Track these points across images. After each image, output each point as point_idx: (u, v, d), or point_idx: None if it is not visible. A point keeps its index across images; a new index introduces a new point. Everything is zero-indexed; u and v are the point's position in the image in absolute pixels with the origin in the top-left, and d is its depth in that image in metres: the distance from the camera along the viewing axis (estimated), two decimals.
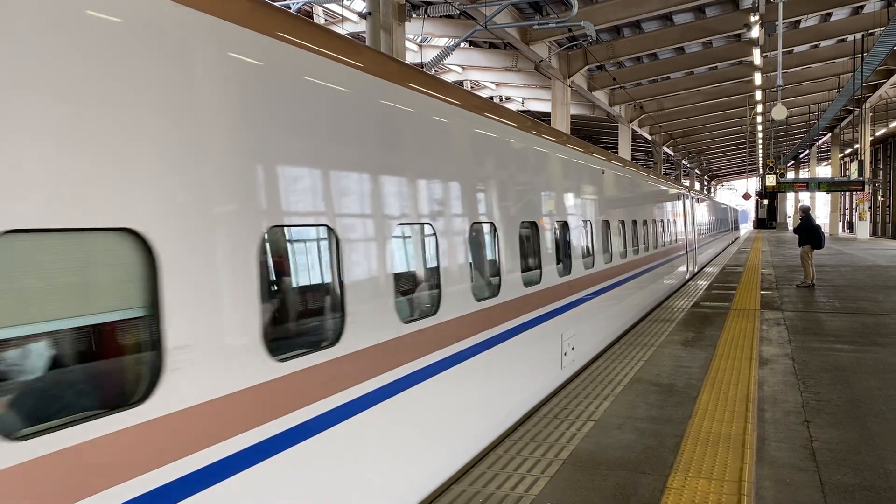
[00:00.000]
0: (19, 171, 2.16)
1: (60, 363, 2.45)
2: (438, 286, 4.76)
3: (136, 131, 2.54)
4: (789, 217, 69.36)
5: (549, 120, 25.89)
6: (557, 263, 7.47)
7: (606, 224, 9.92)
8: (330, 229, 3.64)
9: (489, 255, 5.77)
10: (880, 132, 49.99)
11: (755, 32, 22.23)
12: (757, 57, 25.58)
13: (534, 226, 6.84)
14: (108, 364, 2.63)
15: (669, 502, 4.29)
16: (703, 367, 7.92)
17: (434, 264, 4.77)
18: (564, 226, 7.92)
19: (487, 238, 5.70)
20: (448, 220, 4.92)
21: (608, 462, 4.98)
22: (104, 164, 2.41)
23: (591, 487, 4.54)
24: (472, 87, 29.91)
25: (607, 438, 5.50)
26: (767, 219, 68.43)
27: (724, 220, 42.07)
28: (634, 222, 12.05)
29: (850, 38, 27.69)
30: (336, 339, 3.63)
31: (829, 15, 25.87)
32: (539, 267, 6.88)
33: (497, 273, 5.78)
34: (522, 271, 6.33)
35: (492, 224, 5.72)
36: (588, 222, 8.95)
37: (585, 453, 5.16)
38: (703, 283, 17.50)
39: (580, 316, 8.31)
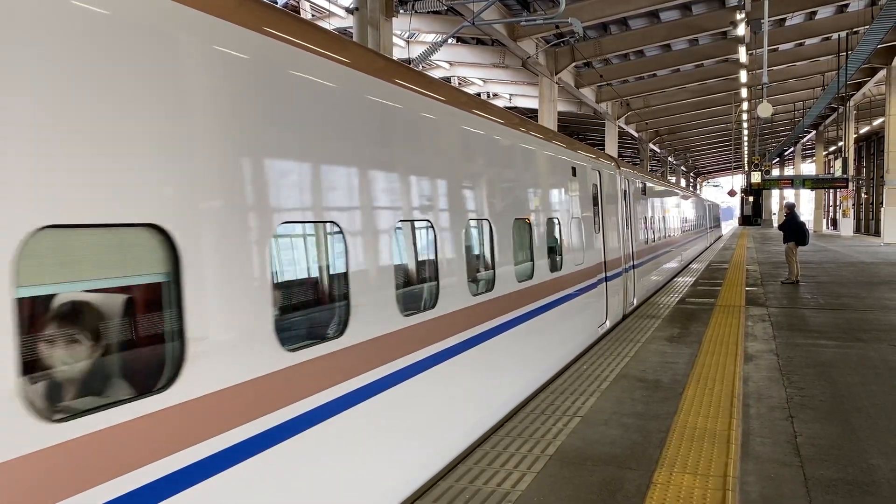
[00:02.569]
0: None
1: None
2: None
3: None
4: (774, 214, 69.87)
5: (537, 117, 25.92)
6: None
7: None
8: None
9: None
10: (864, 130, 50.53)
11: (741, 30, 22.38)
12: (743, 55, 25.76)
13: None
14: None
15: (655, 497, 4.31)
16: (689, 363, 7.96)
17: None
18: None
19: None
20: None
21: (594, 458, 5.00)
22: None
23: (578, 483, 4.55)
24: (459, 84, 29.91)
25: (593, 434, 5.51)
26: (752, 216, 68.91)
27: (701, 218, 33.07)
28: (432, 231, 5.04)
29: (835, 36, 27.93)
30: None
31: (814, 13, 26.08)
32: None
33: None
34: None
35: None
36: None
37: (572, 449, 5.18)
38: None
39: None
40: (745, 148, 54.79)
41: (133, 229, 2.62)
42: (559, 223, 8.26)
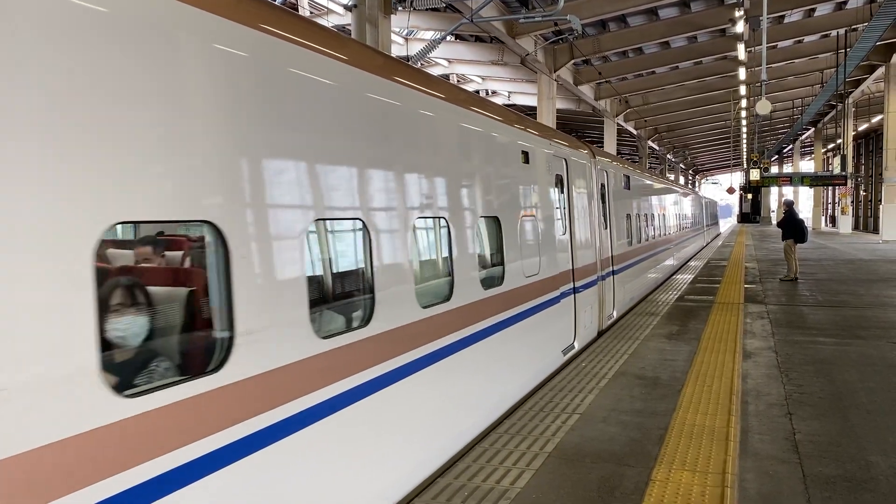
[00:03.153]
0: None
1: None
2: None
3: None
4: (773, 211, 69.86)
5: (536, 114, 25.90)
6: None
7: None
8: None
9: None
10: (863, 127, 50.47)
11: (740, 27, 22.37)
12: (741, 52, 25.75)
13: None
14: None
15: (654, 494, 4.31)
16: (688, 360, 7.96)
17: None
18: None
19: None
20: None
21: (593, 455, 5.00)
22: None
23: (576, 480, 4.55)
24: (458, 81, 29.88)
25: (592, 431, 5.51)
26: (751, 213, 68.93)
27: (697, 216, 30.54)
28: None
29: (834, 33, 27.91)
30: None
31: (813, 10, 26.06)
32: None
33: None
34: None
35: None
36: None
37: (570, 446, 5.18)
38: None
39: None
40: (744, 145, 54.77)
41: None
42: (500, 224, 6.30)
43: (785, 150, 65.14)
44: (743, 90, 32.85)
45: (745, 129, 48.12)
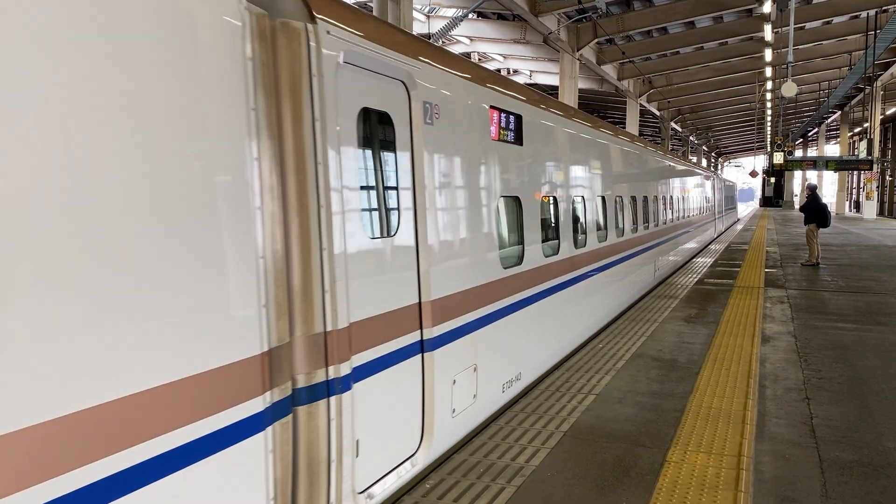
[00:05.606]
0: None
1: None
2: None
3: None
4: (796, 195, 69.02)
5: (558, 94, 25.69)
6: None
7: None
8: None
9: None
10: (891, 111, 49.54)
11: (767, 7, 21.96)
12: (768, 32, 25.29)
13: None
14: None
15: (669, 475, 4.33)
16: (706, 343, 7.94)
17: None
18: None
19: None
20: None
21: (608, 435, 5.03)
22: None
23: (591, 459, 4.58)
24: (479, 60, 29.67)
25: (608, 412, 5.54)
26: (774, 197, 68.13)
27: (702, 207, 22.92)
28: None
29: (864, 14, 27.32)
30: None
31: None
32: None
33: None
34: None
35: None
36: None
37: (586, 426, 5.21)
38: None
39: None
40: (769, 128, 54.02)
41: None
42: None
43: (810, 134, 64.11)
44: (769, 72, 32.32)
45: (769, 112, 47.43)
